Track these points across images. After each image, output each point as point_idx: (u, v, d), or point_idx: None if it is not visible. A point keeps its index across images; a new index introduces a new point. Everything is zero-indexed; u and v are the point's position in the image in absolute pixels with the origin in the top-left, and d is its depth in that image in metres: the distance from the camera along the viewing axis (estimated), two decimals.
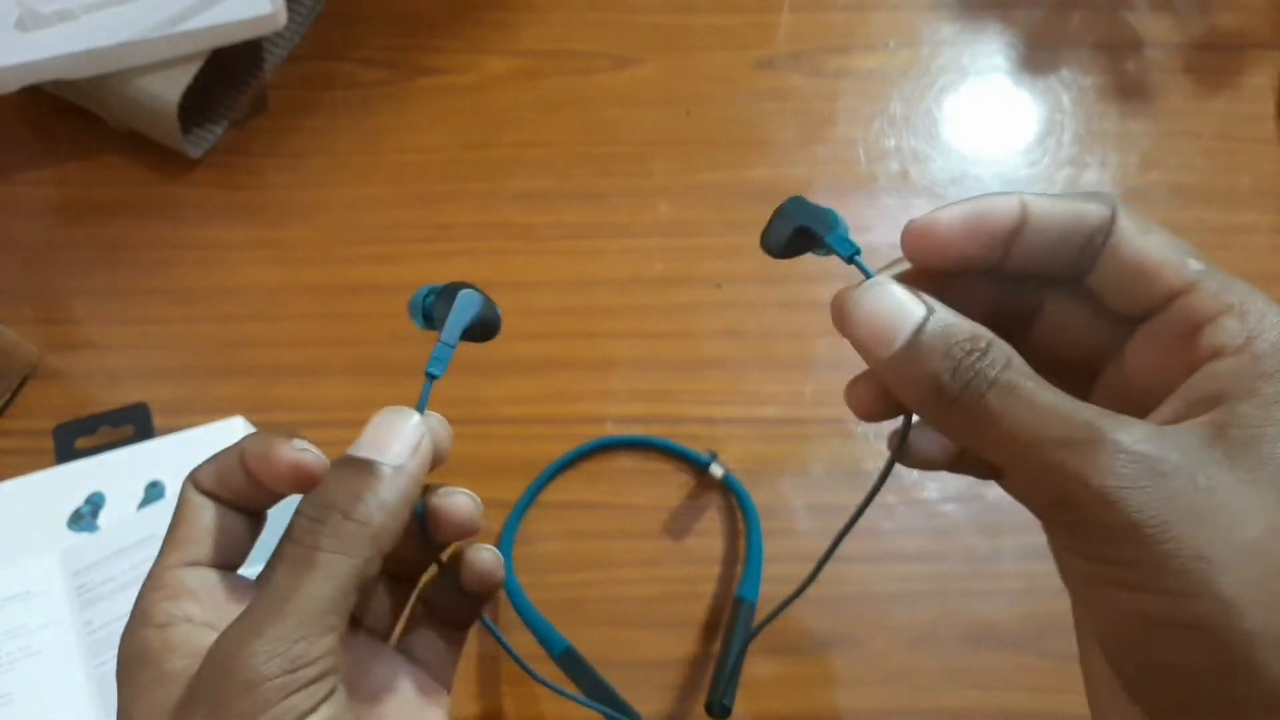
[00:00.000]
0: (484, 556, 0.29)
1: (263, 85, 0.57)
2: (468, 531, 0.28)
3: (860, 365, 0.25)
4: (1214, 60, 0.57)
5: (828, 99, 0.57)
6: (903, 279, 0.23)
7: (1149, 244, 0.23)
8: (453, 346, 0.27)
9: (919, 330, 0.22)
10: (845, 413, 0.51)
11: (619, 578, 0.46)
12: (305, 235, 0.54)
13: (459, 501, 0.28)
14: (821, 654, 0.44)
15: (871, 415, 0.25)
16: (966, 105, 0.57)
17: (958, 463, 0.26)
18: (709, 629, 0.45)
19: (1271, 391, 0.20)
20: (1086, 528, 0.20)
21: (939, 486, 0.47)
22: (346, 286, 0.52)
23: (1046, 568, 0.46)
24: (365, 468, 0.25)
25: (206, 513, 0.27)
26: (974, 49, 0.58)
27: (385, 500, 0.24)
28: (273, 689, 0.22)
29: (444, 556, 0.29)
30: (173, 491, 0.45)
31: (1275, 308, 0.22)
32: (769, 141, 0.56)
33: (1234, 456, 0.20)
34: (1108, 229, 0.23)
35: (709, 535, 0.46)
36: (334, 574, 0.23)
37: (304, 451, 0.25)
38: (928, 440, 0.26)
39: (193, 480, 0.27)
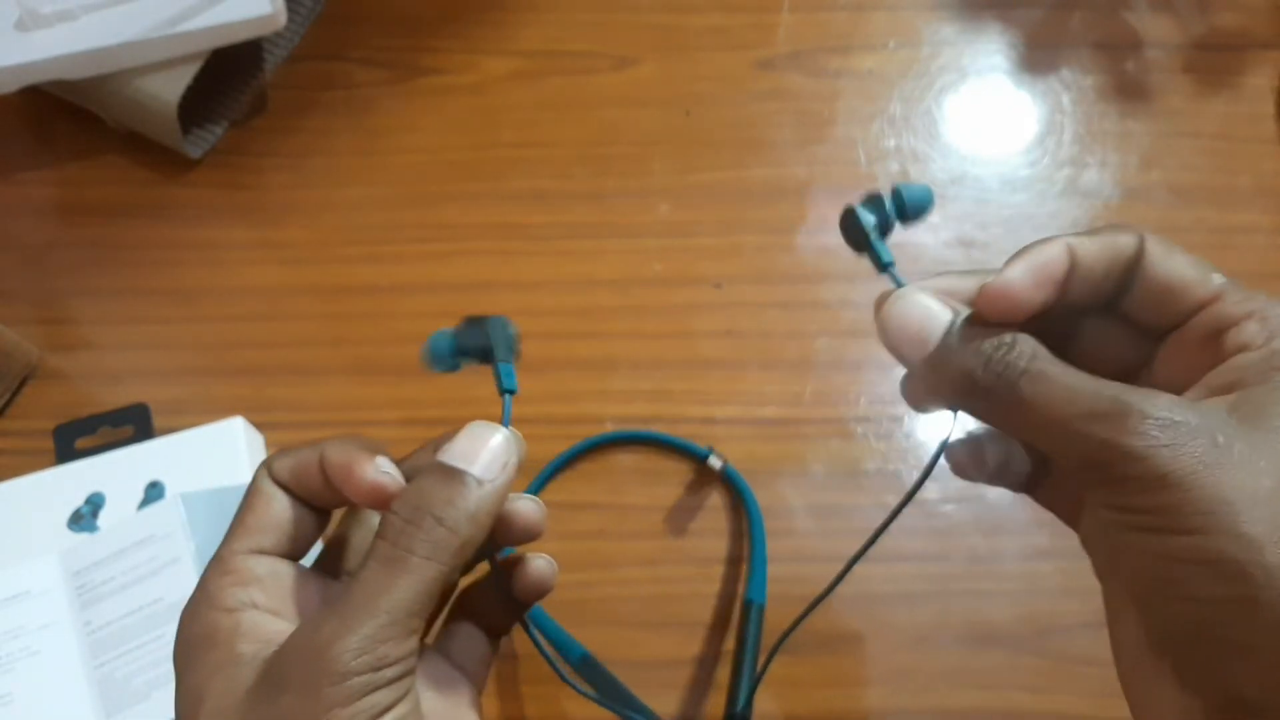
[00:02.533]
0: (540, 565, 0.30)
1: (263, 85, 0.57)
2: (532, 536, 0.29)
3: (861, 365, 0.25)
4: (1214, 60, 0.57)
5: (828, 99, 0.57)
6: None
7: (1176, 264, 0.25)
8: (510, 363, 0.28)
9: (948, 332, 0.25)
10: (845, 412, 0.51)
11: (621, 578, 0.46)
12: (305, 235, 0.54)
13: (525, 507, 0.28)
14: (822, 654, 0.44)
15: (925, 404, 0.27)
16: (966, 105, 0.57)
17: (997, 475, 0.28)
18: (713, 629, 0.45)
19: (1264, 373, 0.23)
20: (1118, 484, 0.22)
21: (939, 487, 0.47)
22: (346, 286, 0.52)
23: (1047, 568, 0.46)
24: (457, 477, 0.25)
25: (277, 503, 0.27)
26: (974, 49, 0.58)
27: (475, 512, 0.25)
28: (360, 684, 0.23)
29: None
30: (173, 491, 0.45)
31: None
32: (769, 141, 0.56)
33: (1247, 422, 0.22)
34: (1140, 256, 0.25)
35: (710, 533, 0.46)
36: (423, 579, 0.24)
37: (385, 475, 0.26)
38: (977, 455, 0.28)
39: (268, 469, 0.27)
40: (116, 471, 0.46)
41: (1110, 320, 0.27)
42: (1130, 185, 0.54)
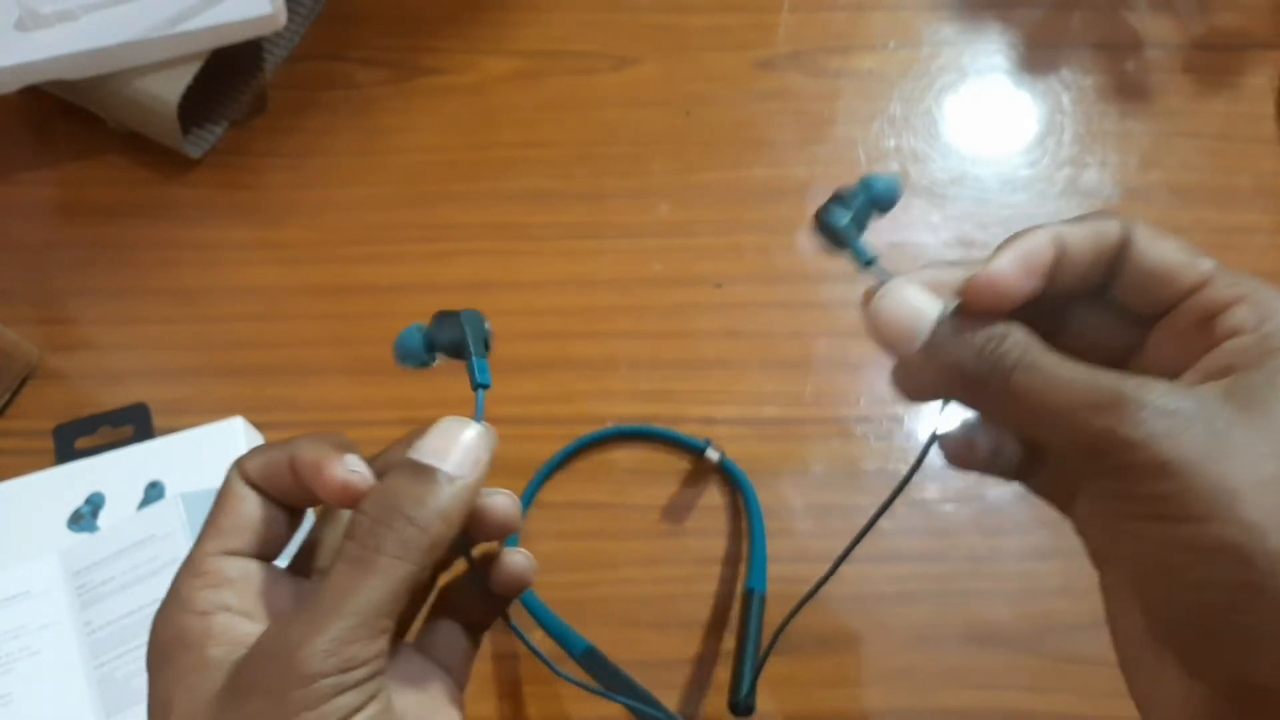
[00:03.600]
0: (518, 559, 0.29)
1: (263, 85, 0.57)
2: (507, 532, 0.28)
3: (861, 365, 0.25)
4: (1214, 60, 0.57)
5: (828, 99, 0.57)
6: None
7: (1164, 249, 0.25)
8: (484, 357, 0.28)
9: (938, 325, 0.24)
10: (845, 412, 0.51)
11: (621, 577, 0.46)
12: (305, 235, 0.54)
13: (500, 502, 0.28)
14: (822, 654, 0.44)
15: (917, 396, 0.27)
16: (966, 105, 0.57)
17: (989, 464, 0.28)
18: (714, 626, 0.45)
19: (1278, 363, 0.23)
20: (1118, 472, 0.22)
21: (939, 486, 0.47)
22: (346, 286, 0.52)
23: (1046, 568, 0.46)
24: (428, 475, 0.25)
25: (249, 503, 0.27)
26: (974, 49, 0.58)
27: (446, 510, 0.25)
28: (327, 686, 0.23)
29: (474, 555, 0.29)
30: (173, 491, 0.45)
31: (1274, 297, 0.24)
32: (769, 141, 0.56)
33: (1244, 409, 0.22)
34: (1127, 243, 0.25)
35: (709, 531, 0.46)
36: (392, 578, 0.24)
37: (354, 473, 0.26)
38: (968, 444, 0.27)
39: (239, 469, 0.27)
40: (116, 471, 0.46)
41: (1100, 307, 0.26)
42: (1130, 185, 0.54)
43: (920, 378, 0.26)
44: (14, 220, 0.55)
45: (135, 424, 0.48)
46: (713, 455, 0.46)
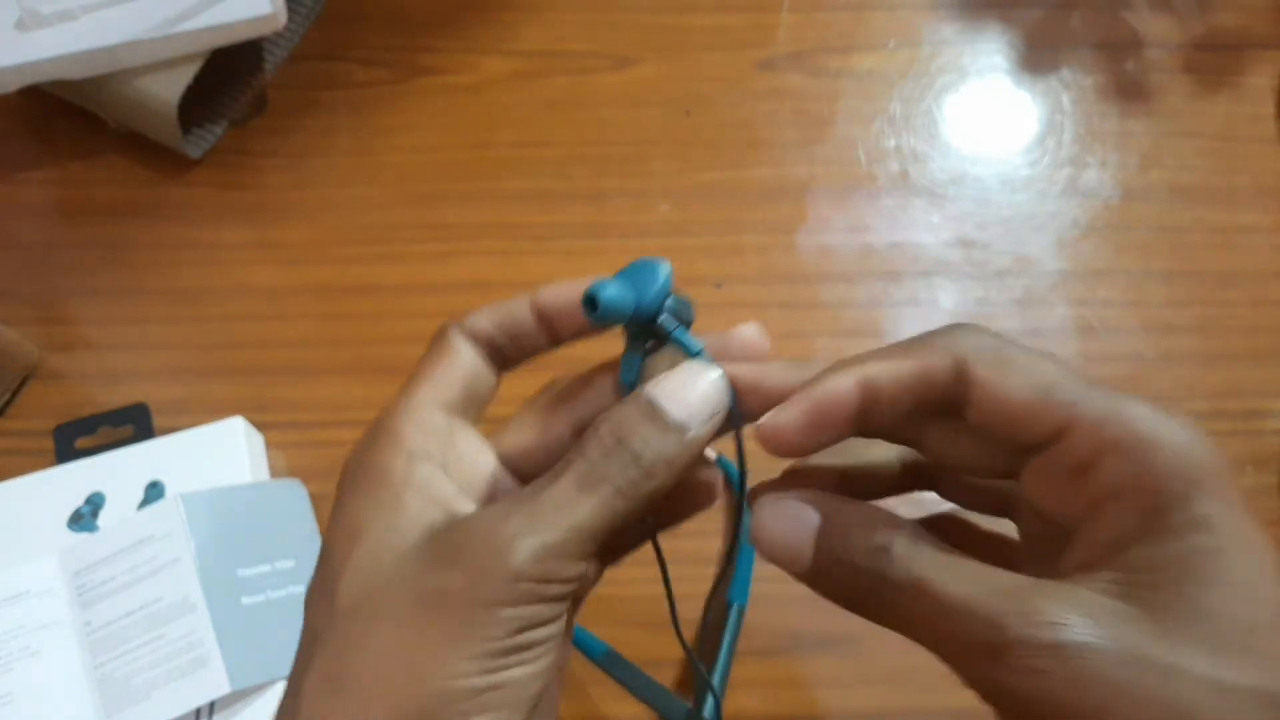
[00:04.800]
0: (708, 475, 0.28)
1: (263, 85, 0.57)
2: (702, 505, 0.28)
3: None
4: (1214, 60, 0.57)
5: (828, 99, 0.57)
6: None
7: (1011, 386, 0.22)
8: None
9: (819, 536, 0.23)
10: None
11: (619, 577, 0.46)
12: (305, 235, 0.54)
13: (709, 475, 0.27)
14: (820, 654, 0.44)
15: (793, 452, 0.25)
16: (966, 105, 0.57)
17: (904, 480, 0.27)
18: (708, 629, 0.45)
19: (1165, 527, 0.20)
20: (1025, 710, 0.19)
21: None
22: (346, 286, 0.52)
23: None
24: (664, 421, 0.24)
25: (465, 355, 0.27)
26: (974, 49, 0.58)
27: (674, 462, 0.24)
28: (526, 590, 0.22)
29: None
30: (173, 491, 0.45)
31: (1160, 430, 0.20)
32: (769, 141, 0.56)
33: (1142, 613, 0.19)
34: (964, 378, 0.22)
35: (709, 532, 0.46)
36: (609, 509, 0.23)
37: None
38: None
39: (456, 324, 0.27)
40: (116, 471, 0.46)
41: (963, 427, 0.23)
42: (1130, 185, 0.54)
43: (825, 594, 0.23)
44: (14, 220, 0.55)
45: (135, 424, 0.48)
46: (710, 453, 0.46)
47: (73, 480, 0.46)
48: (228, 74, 0.55)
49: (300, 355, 0.51)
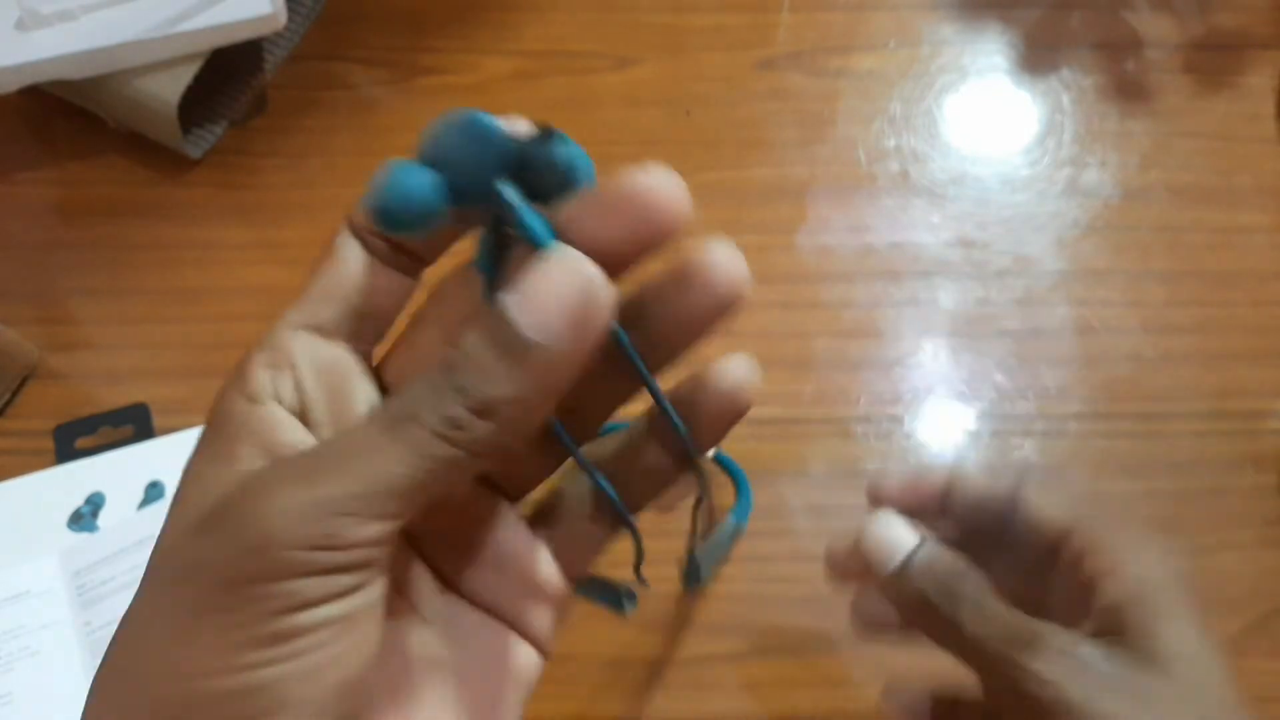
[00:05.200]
0: (736, 369, 0.23)
1: (263, 85, 0.57)
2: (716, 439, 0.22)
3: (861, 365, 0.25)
4: (1214, 60, 0.57)
5: (828, 99, 0.57)
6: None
7: (1047, 501, 0.30)
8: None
9: (911, 556, 0.29)
10: (845, 412, 0.51)
11: (620, 575, 0.46)
12: (305, 235, 0.54)
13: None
14: (820, 654, 0.44)
15: (869, 626, 0.33)
16: (966, 105, 0.57)
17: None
18: (710, 630, 0.45)
19: (1137, 623, 0.27)
20: (1028, 704, 0.26)
21: None
22: None
23: None
24: (507, 337, 0.18)
25: (351, 262, 0.21)
26: (974, 49, 0.58)
27: (519, 396, 0.18)
28: (284, 561, 0.17)
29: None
30: (172, 492, 0.45)
31: (1141, 558, 0.28)
32: (769, 141, 0.56)
33: (1132, 658, 0.27)
34: (1016, 493, 0.30)
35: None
36: (422, 457, 0.18)
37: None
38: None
39: (348, 220, 0.22)
40: (116, 471, 0.46)
41: (1010, 562, 0.30)
42: (1130, 185, 0.54)
43: (888, 596, 0.29)
44: (14, 220, 0.55)
45: (135, 424, 0.48)
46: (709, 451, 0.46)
47: (73, 480, 0.46)
48: (228, 74, 0.55)
49: None
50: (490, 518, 0.23)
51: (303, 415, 0.20)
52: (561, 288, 0.18)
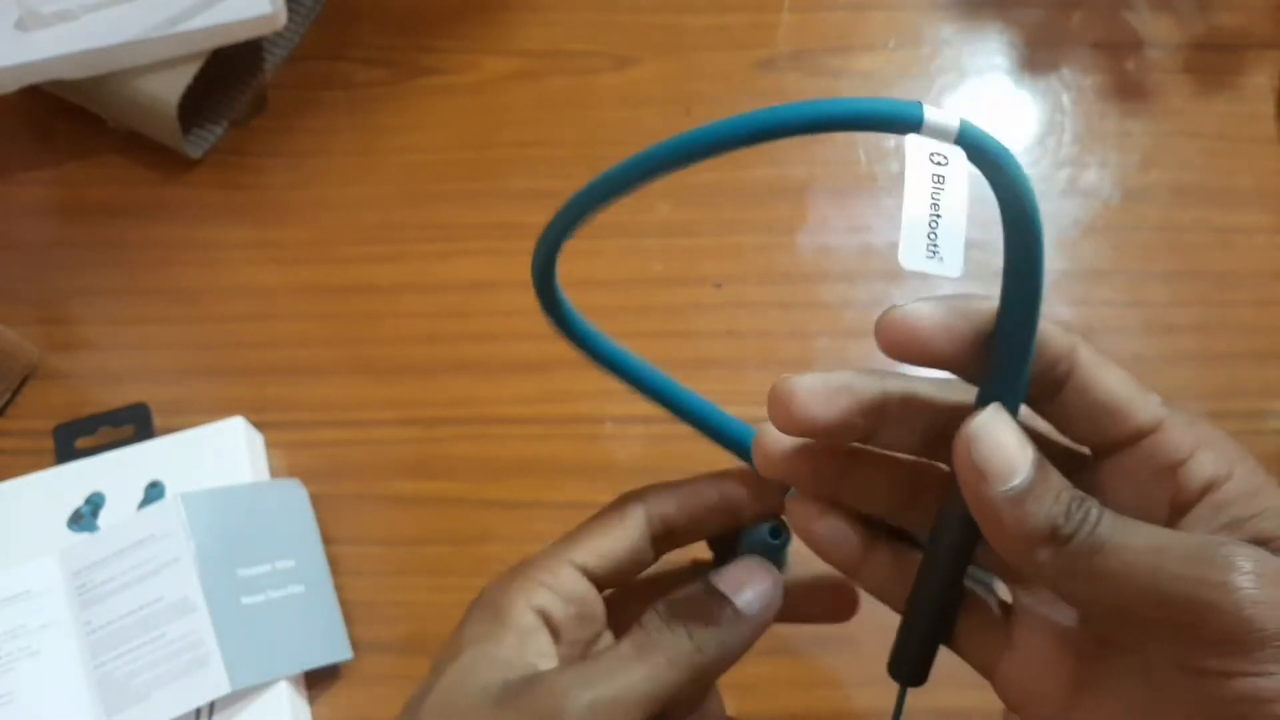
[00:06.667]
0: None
1: (263, 85, 0.57)
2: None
3: (861, 365, 0.25)
4: (1214, 60, 0.57)
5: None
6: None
7: (1111, 380, 0.25)
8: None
9: (1035, 472, 0.23)
10: None
11: None
12: (305, 235, 0.54)
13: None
14: (820, 654, 0.44)
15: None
16: (966, 105, 0.57)
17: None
18: None
19: (1273, 506, 0.23)
20: (1211, 637, 0.21)
21: None
22: (346, 286, 0.52)
23: None
24: (720, 602, 0.28)
25: (633, 533, 0.30)
26: (974, 49, 0.58)
27: (728, 643, 0.28)
28: None
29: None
30: (173, 491, 0.45)
31: (1229, 440, 0.24)
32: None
33: None
34: (1070, 359, 0.25)
35: None
36: (659, 679, 0.26)
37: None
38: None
39: (641, 500, 0.30)
40: (116, 471, 0.46)
41: (1051, 410, 0.26)
42: (1130, 185, 0.54)
43: (1004, 528, 0.23)
44: (14, 220, 0.55)
45: (135, 424, 0.48)
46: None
47: (73, 480, 0.46)
48: (228, 74, 0.55)
49: (300, 355, 0.51)
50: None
51: (553, 629, 0.28)
52: (761, 580, 0.29)
